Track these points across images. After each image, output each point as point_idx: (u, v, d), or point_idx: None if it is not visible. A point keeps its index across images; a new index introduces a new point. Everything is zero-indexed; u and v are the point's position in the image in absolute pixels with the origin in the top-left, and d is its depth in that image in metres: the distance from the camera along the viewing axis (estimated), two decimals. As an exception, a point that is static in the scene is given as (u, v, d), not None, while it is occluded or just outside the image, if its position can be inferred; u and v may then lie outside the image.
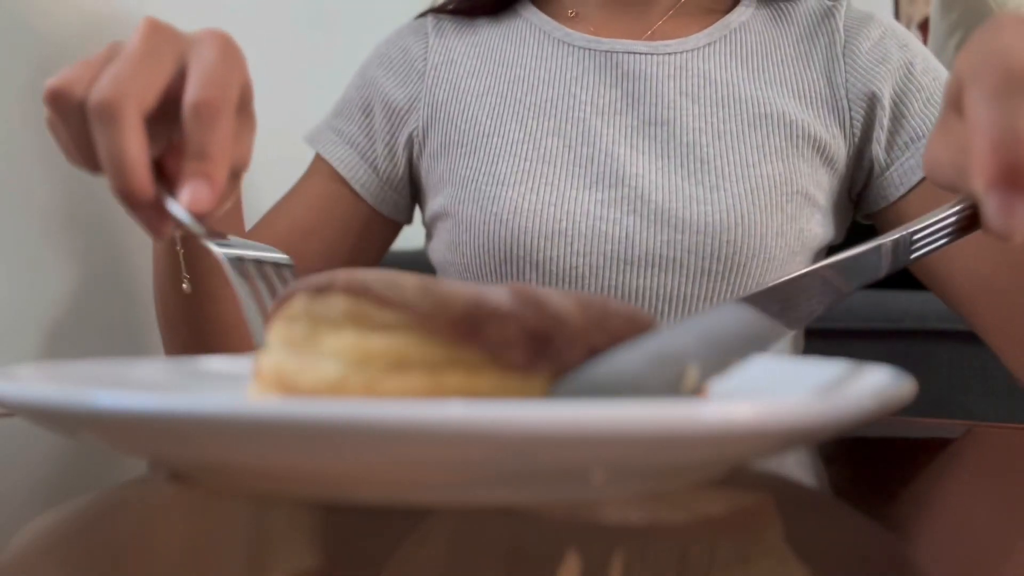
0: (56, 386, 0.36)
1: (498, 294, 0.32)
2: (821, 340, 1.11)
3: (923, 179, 0.75)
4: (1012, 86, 0.34)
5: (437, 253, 0.81)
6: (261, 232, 0.81)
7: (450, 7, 0.87)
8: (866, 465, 0.43)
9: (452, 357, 0.30)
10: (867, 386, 0.35)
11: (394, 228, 0.87)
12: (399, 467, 0.26)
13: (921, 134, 0.76)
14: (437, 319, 0.30)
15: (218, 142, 0.45)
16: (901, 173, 0.76)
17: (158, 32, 0.46)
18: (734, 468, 0.35)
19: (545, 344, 0.31)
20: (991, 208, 0.34)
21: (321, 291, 0.32)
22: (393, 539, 0.27)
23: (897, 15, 2.01)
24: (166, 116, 0.47)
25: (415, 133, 0.82)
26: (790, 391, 0.40)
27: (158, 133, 0.47)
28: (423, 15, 0.89)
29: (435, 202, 0.80)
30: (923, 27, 1.97)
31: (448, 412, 0.23)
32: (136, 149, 0.44)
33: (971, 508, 0.34)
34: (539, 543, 0.27)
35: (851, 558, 0.27)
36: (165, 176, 0.48)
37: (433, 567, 0.25)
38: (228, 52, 0.47)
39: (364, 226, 0.84)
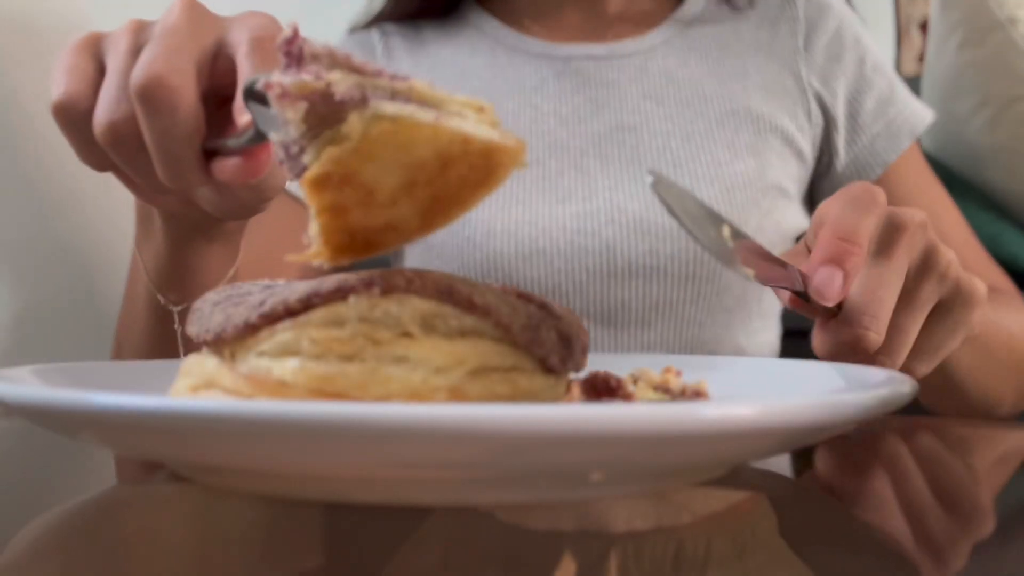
0: (56, 387, 0.36)
1: (525, 300, 0.33)
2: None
3: (880, 176, 0.77)
4: (861, 200, 0.44)
5: None
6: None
7: (395, 14, 0.83)
8: (865, 464, 0.43)
9: (515, 363, 0.31)
10: (867, 386, 0.35)
11: None
12: (401, 468, 0.26)
13: (876, 133, 0.77)
14: (513, 325, 0.30)
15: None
16: (860, 168, 0.77)
17: (197, 8, 0.41)
18: (734, 468, 0.35)
19: (568, 347, 0.32)
20: (815, 280, 0.42)
21: (387, 293, 0.30)
22: (393, 539, 0.27)
23: (897, 15, 2.01)
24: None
25: None
26: (790, 392, 0.40)
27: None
28: (367, 27, 0.85)
29: None
30: (923, 27, 1.97)
31: (448, 413, 0.23)
32: (193, 132, 0.38)
33: (969, 507, 0.34)
34: (538, 541, 0.27)
35: (850, 557, 0.27)
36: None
37: (433, 567, 0.25)
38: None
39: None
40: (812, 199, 0.81)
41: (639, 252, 0.71)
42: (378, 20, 0.84)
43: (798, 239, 0.79)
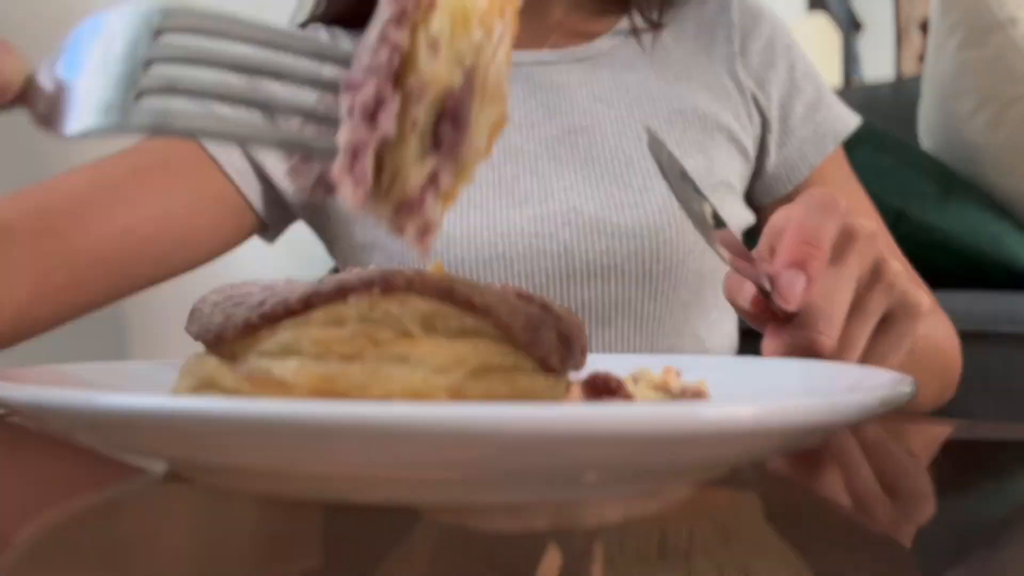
0: (56, 387, 0.36)
1: (525, 300, 0.33)
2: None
3: (807, 177, 0.80)
4: (823, 205, 0.45)
5: None
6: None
7: (337, 18, 0.82)
8: (863, 464, 0.43)
9: (515, 363, 0.31)
10: (867, 386, 0.35)
11: (251, 232, 0.79)
12: (401, 468, 0.26)
13: (804, 136, 0.81)
14: (513, 325, 0.30)
15: None
16: (788, 169, 0.80)
17: None
18: (734, 468, 0.35)
19: (568, 347, 0.32)
20: (781, 282, 0.42)
21: (387, 293, 0.30)
22: (393, 539, 0.27)
23: (897, 15, 2.01)
24: None
25: None
26: (790, 392, 0.40)
27: None
28: (304, 25, 0.84)
29: (355, 231, 0.77)
30: (923, 27, 1.97)
31: (448, 413, 0.23)
32: None
33: (968, 507, 0.35)
34: (537, 540, 0.27)
35: (849, 556, 0.27)
36: None
37: (432, 566, 0.25)
38: None
39: (234, 223, 0.75)
40: (748, 197, 0.84)
41: (596, 252, 0.72)
42: (323, 22, 0.84)
43: (745, 233, 0.82)
